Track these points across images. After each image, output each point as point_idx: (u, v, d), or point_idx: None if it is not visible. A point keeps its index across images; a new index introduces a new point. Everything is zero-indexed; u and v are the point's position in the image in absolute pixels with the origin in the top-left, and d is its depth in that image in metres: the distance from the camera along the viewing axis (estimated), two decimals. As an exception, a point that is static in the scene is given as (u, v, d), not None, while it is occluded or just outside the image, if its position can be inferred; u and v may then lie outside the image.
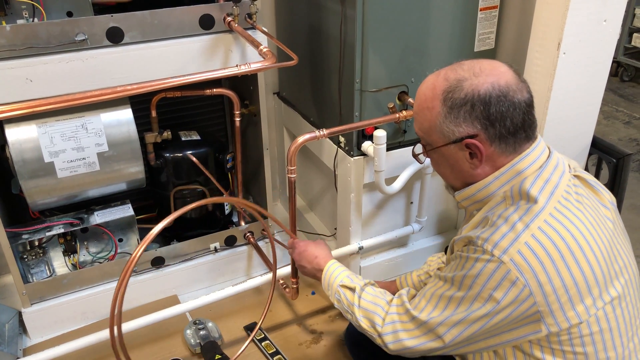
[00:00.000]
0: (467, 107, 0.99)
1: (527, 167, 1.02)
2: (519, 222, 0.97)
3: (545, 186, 1.00)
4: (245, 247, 1.99)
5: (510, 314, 0.97)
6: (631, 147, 3.50)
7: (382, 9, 1.53)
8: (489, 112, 0.98)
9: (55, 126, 1.52)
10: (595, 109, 1.71)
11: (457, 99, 0.99)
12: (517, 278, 0.94)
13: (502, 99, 0.98)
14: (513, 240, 0.96)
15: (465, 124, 1.00)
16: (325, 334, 1.79)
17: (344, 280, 1.26)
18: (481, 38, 1.73)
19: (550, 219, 0.97)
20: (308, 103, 1.97)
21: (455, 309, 1.01)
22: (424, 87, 1.06)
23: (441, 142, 1.05)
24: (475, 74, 1.00)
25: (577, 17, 1.50)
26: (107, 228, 1.78)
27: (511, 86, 0.99)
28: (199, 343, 1.69)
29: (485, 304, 0.97)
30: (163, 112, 1.80)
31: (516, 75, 1.02)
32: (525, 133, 1.02)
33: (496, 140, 1.01)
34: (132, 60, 1.50)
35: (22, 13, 1.44)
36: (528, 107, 1.01)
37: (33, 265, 1.73)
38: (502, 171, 1.03)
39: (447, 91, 1.01)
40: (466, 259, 1.00)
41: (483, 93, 0.98)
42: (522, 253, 0.94)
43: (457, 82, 1.00)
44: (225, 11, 1.56)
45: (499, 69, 1.01)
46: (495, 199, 1.04)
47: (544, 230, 0.96)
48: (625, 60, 4.41)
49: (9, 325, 1.71)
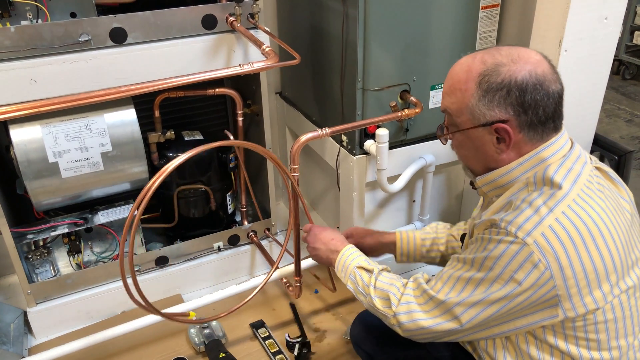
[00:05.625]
0: (503, 92, 0.99)
1: (551, 155, 1.03)
2: (543, 206, 0.98)
3: (569, 174, 1.01)
4: (249, 246, 2.00)
5: (530, 296, 0.97)
6: (633, 145, 3.50)
7: (383, 8, 1.54)
8: (523, 99, 0.99)
9: (59, 126, 1.53)
10: (596, 106, 1.71)
11: (493, 82, 0.99)
12: (539, 260, 0.95)
13: (538, 87, 0.99)
14: (537, 223, 0.96)
15: (499, 108, 1.00)
16: (328, 332, 1.80)
17: (362, 263, 1.26)
18: (482, 36, 1.74)
19: (574, 204, 0.98)
20: (310, 102, 1.98)
21: (474, 290, 1.01)
22: (458, 69, 1.05)
23: (470, 124, 1.04)
24: (513, 60, 1.00)
25: (578, 15, 1.51)
26: (111, 228, 1.78)
27: (547, 76, 1.00)
28: (203, 342, 1.70)
29: (506, 285, 0.98)
30: (166, 112, 1.80)
31: (551, 65, 1.02)
32: (554, 123, 1.03)
33: (526, 127, 1.01)
34: (135, 60, 1.50)
35: (26, 14, 1.45)
36: (560, 98, 1.02)
37: (38, 265, 1.74)
38: (526, 158, 1.04)
39: (484, 74, 1.01)
40: (488, 240, 1.01)
41: (520, 80, 0.98)
42: (546, 235, 0.95)
43: (495, 67, 1.00)
44: (228, 11, 1.56)
45: (536, 57, 1.01)
46: (517, 185, 1.05)
47: (567, 215, 0.97)
48: (627, 58, 4.41)
49: (14, 324, 1.72)
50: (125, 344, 1.71)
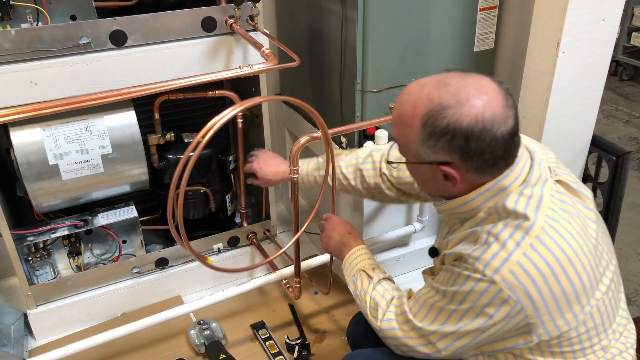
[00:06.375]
0: (447, 137, 0.94)
1: (511, 183, 1.00)
2: (510, 240, 0.96)
3: (530, 201, 0.98)
4: (248, 248, 2.00)
5: (503, 327, 0.98)
6: (631, 146, 3.51)
7: (382, 10, 1.55)
8: (468, 147, 0.94)
9: (59, 129, 1.53)
10: (594, 107, 1.72)
11: (437, 126, 0.94)
12: (509, 296, 0.95)
13: (484, 134, 0.93)
14: (504, 260, 0.95)
15: (443, 152, 0.97)
16: (328, 333, 1.80)
17: (367, 267, 1.28)
18: (481, 38, 1.74)
19: (542, 234, 0.96)
20: (309, 104, 1.95)
21: (447, 320, 1.03)
22: (405, 99, 1.00)
23: (415, 160, 1.02)
24: (460, 102, 0.93)
25: (575, 17, 1.52)
26: (111, 230, 1.79)
27: (497, 118, 0.93)
28: (204, 343, 1.70)
29: (477, 318, 0.99)
30: (166, 114, 1.81)
31: (505, 99, 0.95)
32: (506, 162, 0.99)
33: (472, 169, 0.98)
34: (135, 63, 1.51)
35: (26, 17, 1.45)
36: (511, 138, 0.96)
37: (38, 267, 1.74)
38: (486, 187, 1.01)
39: (429, 115, 0.95)
40: (458, 274, 1.01)
41: (465, 126, 0.93)
42: (514, 272, 0.94)
43: (441, 108, 0.94)
44: (227, 13, 1.57)
45: (486, 95, 0.94)
46: (480, 214, 1.03)
47: (535, 248, 0.95)
48: (625, 59, 4.42)
49: (14, 327, 1.73)
50: (125, 346, 1.72)
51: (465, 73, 0.98)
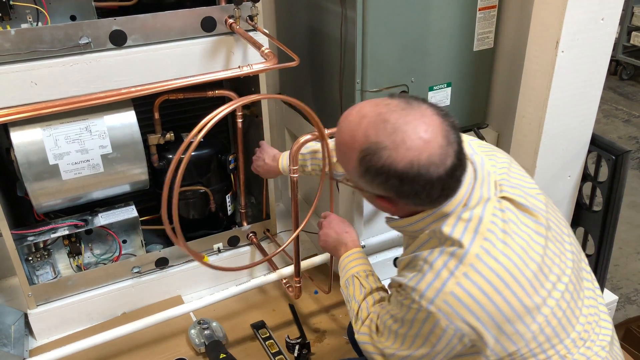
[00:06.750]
0: (382, 177, 0.93)
1: (453, 210, 0.99)
2: (444, 270, 0.96)
3: (469, 225, 0.97)
4: (248, 248, 2.01)
5: (450, 352, 1.00)
6: (631, 145, 3.52)
7: (382, 9, 1.55)
8: (402, 189, 0.94)
9: (59, 129, 1.53)
10: (594, 106, 1.72)
11: (373, 166, 0.93)
12: (447, 325, 0.96)
13: (418, 178, 0.91)
14: (438, 290, 0.95)
15: (379, 188, 0.97)
16: (328, 332, 1.81)
17: (360, 274, 1.28)
18: (480, 37, 1.75)
19: (476, 261, 0.95)
20: (309, 104, 1.97)
21: (402, 345, 1.06)
22: (345, 128, 0.98)
23: (355, 185, 1.02)
24: (395, 145, 0.90)
25: (575, 16, 1.52)
26: (111, 229, 1.79)
27: (434, 160, 0.91)
28: (204, 342, 1.70)
29: (424, 345, 1.01)
30: (166, 114, 1.81)
31: (445, 137, 0.92)
32: (446, 196, 0.97)
33: (410, 203, 0.99)
34: (135, 62, 1.51)
35: (26, 17, 1.45)
36: (449, 177, 0.93)
37: (38, 267, 1.74)
38: (427, 214, 1.00)
39: (365, 153, 0.93)
40: (400, 303, 1.03)
41: (400, 170, 0.91)
42: (449, 302, 0.95)
43: (376, 148, 0.92)
44: (227, 13, 1.57)
45: (423, 137, 0.90)
46: (423, 235, 1.03)
47: (469, 276, 0.95)
48: (624, 58, 4.43)
49: (15, 326, 1.73)
50: (125, 345, 1.72)
51: (408, 105, 0.94)
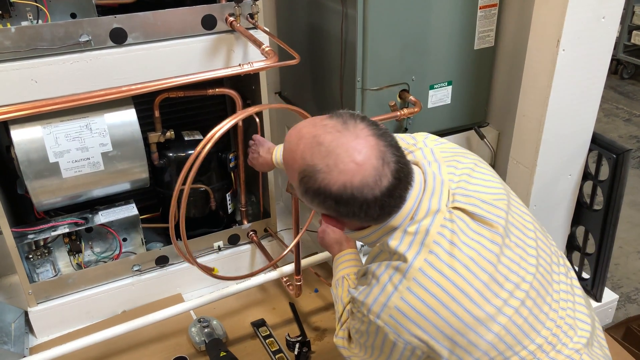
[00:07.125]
0: (320, 198, 0.94)
1: (400, 223, 0.98)
2: (389, 284, 0.97)
3: (415, 239, 0.97)
4: (249, 246, 2.01)
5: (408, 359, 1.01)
6: (631, 144, 3.51)
7: (382, 7, 1.55)
8: (339, 209, 0.94)
9: (60, 127, 1.53)
10: (594, 105, 1.72)
11: (310, 187, 0.94)
12: (395, 339, 0.98)
13: (352, 200, 0.91)
14: (383, 305, 0.97)
15: (319, 207, 0.97)
16: (328, 330, 1.81)
17: (351, 276, 1.29)
18: (481, 36, 1.74)
19: (419, 275, 0.95)
20: (309, 102, 1.98)
21: (365, 354, 1.09)
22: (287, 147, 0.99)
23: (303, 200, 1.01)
24: (329, 168, 0.91)
25: (575, 15, 1.51)
26: (112, 227, 1.79)
27: (367, 182, 0.90)
28: (204, 340, 1.70)
29: (381, 355, 1.03)
30: (166, 112, 1.81)
31: (379, 158, 0.91)
32: (389, 214, 0.97)
33: (355, 221, 0.99)
34: (135, 60, 1.51)
35: (26, 15, 1.45)
36: (386, 197, 0.93)
37: (39, 264, 1.74)
38: (376, 228, 1.00)
39: (303, 175, 0.94)
40: (355, 316, 1.06)
41: (335, 192, 0.91)
42: (394, 317, 0.96)
43: (312, 170, 0.92)
44: (227, 11, 1.57)
45: (359, 159, 0.90)
46: (375, 249, 1.05)
47: (412, 290, 0.95)
48: (625, 57, 4.42)
49: (15, 324, 1.73)
50: (126, 343, 1.72)
51: (344, 127, 0.94)
